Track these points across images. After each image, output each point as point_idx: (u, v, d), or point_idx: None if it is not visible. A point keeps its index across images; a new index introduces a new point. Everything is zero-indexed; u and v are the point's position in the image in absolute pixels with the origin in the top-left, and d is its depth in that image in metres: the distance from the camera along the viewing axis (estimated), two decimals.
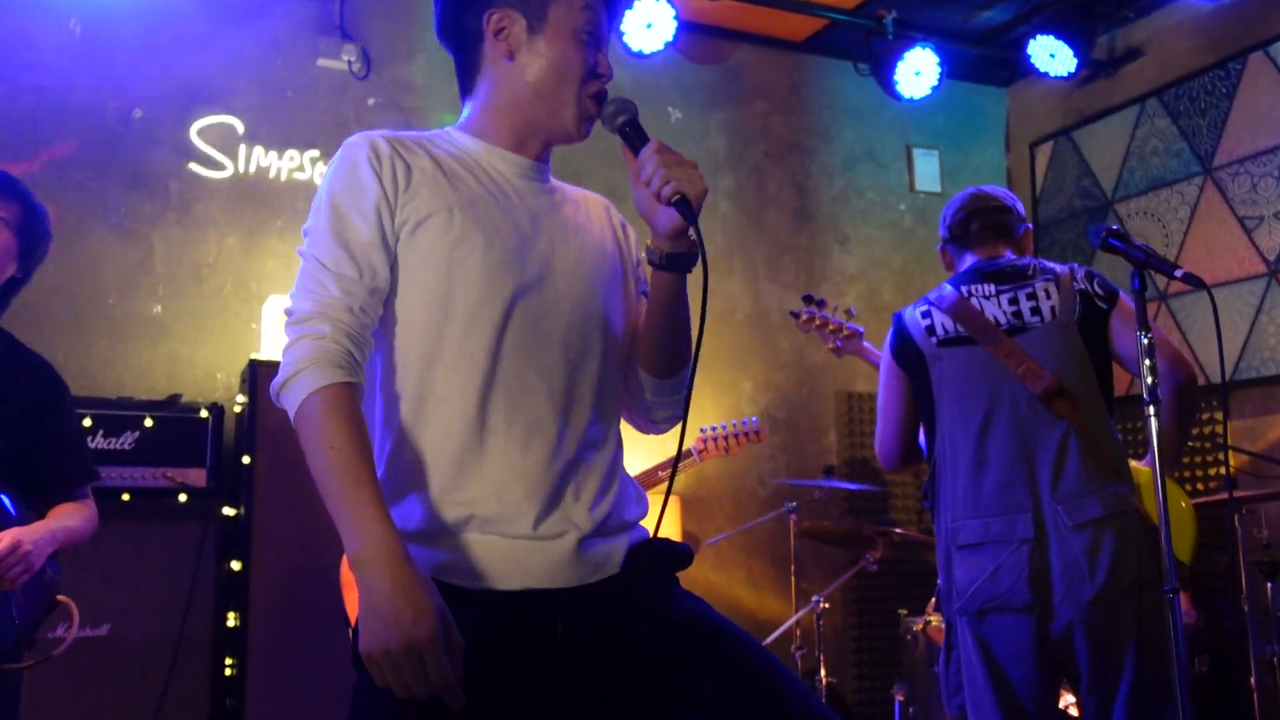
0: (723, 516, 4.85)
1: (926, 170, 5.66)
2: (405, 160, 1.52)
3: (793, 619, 4.11)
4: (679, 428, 1.54)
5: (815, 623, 4.06)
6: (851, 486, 4.68)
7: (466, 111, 1.66)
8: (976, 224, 2.74)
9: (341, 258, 1.47)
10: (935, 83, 4.96)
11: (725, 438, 3.90)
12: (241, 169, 4.30)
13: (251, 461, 3.57)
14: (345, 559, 2.76)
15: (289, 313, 1.47)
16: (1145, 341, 2.13)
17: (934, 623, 3.87)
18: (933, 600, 3.80)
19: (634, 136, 1.55)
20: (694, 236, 1.51)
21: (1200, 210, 4.82)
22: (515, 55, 1.58)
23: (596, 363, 1.58)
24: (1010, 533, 2.44)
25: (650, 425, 1.75)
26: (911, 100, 5.02)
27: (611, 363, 1.62)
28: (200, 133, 4.25)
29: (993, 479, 2.49)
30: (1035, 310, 2.55)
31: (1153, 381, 2.13)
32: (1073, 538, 2.40)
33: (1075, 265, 2.65)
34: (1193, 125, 4.88)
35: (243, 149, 4.31)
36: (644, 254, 1.62)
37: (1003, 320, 2.56)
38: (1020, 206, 2.82)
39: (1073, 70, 4.85)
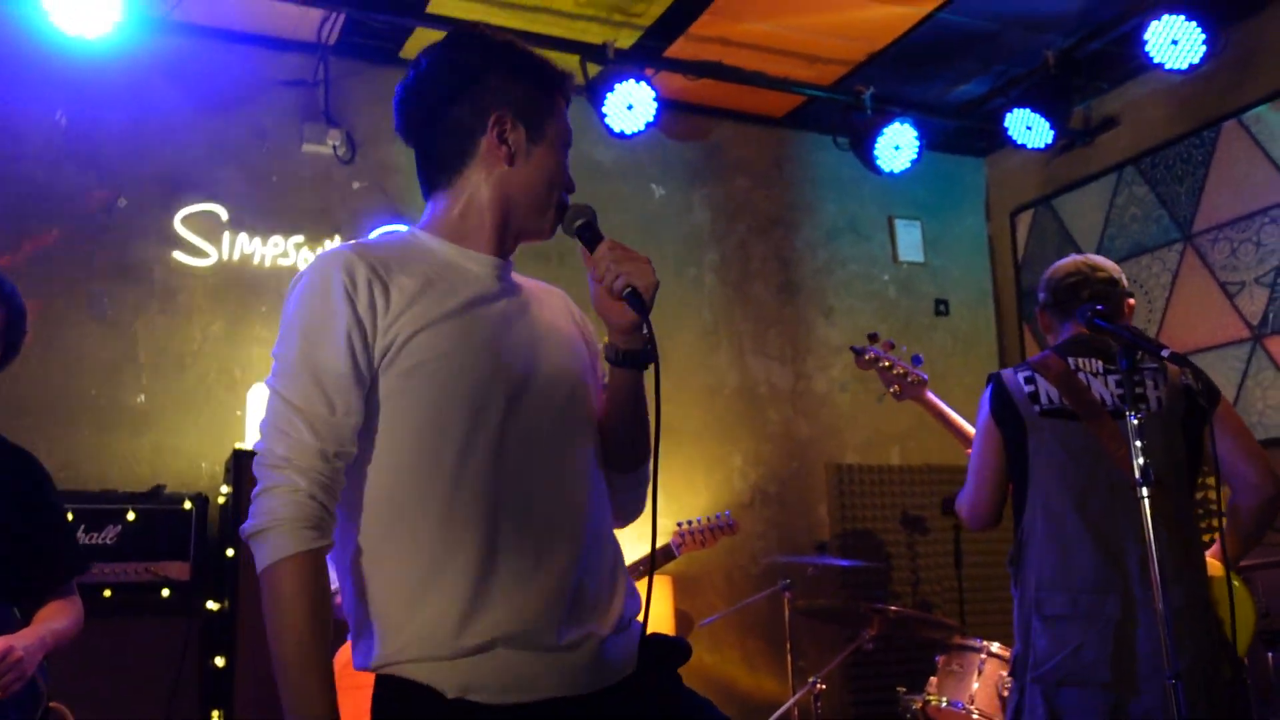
0: (715, 595, 4.79)
1: (909, 240, 5.70)
2: (383, 280, 1.48)
3: (791, 700, 4.03)
4: (651, 521, 1.56)
5: (813, 704, 3.99)
6: (845, 563, 4.63)
7: (437, 210, 1.63)
8: (1087, 293, 2.70)
9: (314, 393, 1.43)
10: (914, 155, 5.01)
11: (702, 531, 4.10)
12: (225, 256, 4.30)
13: (236, 554, 3.51)
14: (339, 654, 2.70)
15: (259, 451, 1.45)
16: (1135, 422, 2.13)
17: (933, 701, 3.80)
18: (932, 679, 3.74)
19: (590, 237, 1.58)
20: (646, 331, 1.55)
21: (1182, 276, 4.86)
22: (515, 160, 1.59)
23: (587, 460, 1.58)
24: (1099, 610, 2.46)
25: (614, 520, 1.72)
26: (891, 173, 5.06)
27: (597, 457, 1.62)
28: (184, 220, 4.26)
29: (1085, 556, 2.50)
30: (1142, 398, 2.56)
31: (1144, 462, 2.14)
32: (1154, 623, 2.39)
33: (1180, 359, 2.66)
34: (1170, 192, 4.93)
35: (227, 236, 4.31)
36: (602, 351, 1.65)
37: (1108, 401, 2.57)
38: (1124, 279, 2.79)
39: (1049, 141, 4.91)
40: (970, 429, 3.30)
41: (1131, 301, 2.79)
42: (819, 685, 3.96)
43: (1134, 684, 2.43)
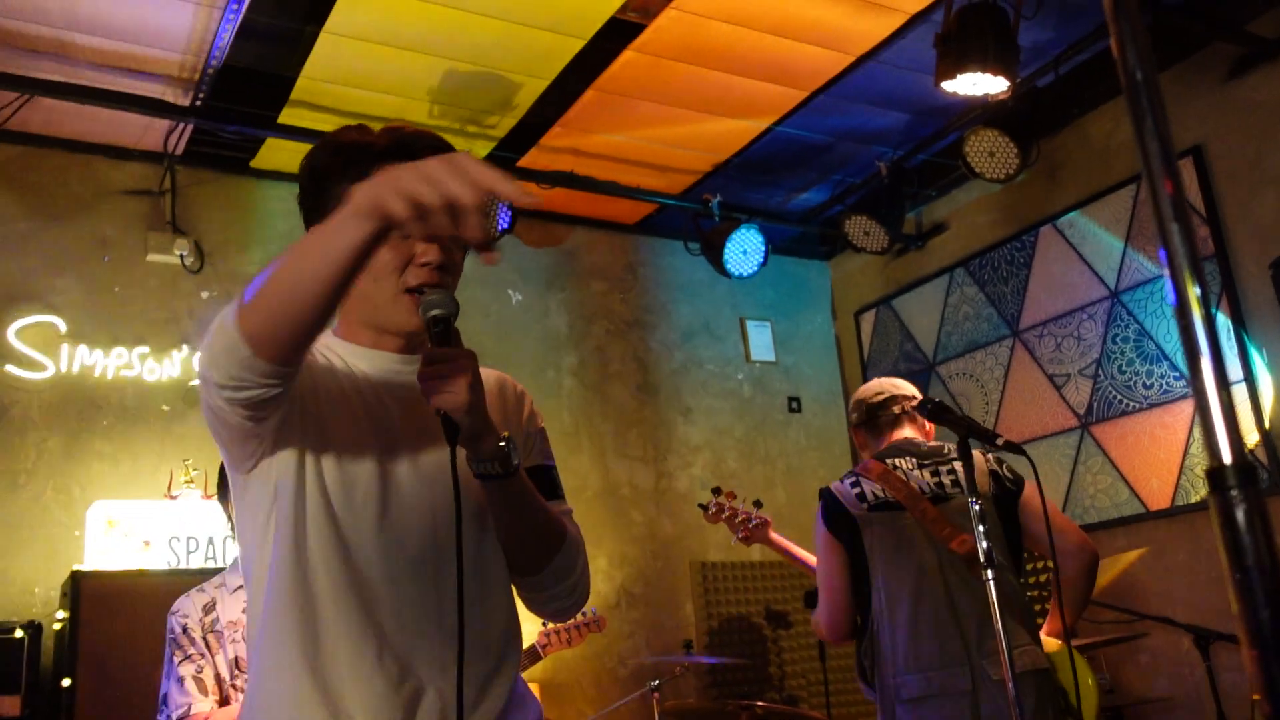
0: (584, 700, 4.72)
1: (760, 340, 5.90)
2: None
3: None
4: (459, 629, 1.40)
5: None
6: (712, 660, 4.64)
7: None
8: (896, 408, 2.98)
9: None
10: (761, 259, 5.22)
11: (567, 630, 4.02)
12: (64, 368, 4.12)
13: (72, 683, 3.29)
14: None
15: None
16: (976, 509, 2.26)
17: None
18: None
19: (439, 333, 1.42)
20: (451, 457, 1.38)
21: (1013, 369, 5.17)
22: None
23: (453, 568, 1.43)
24: (952, 685, 2.58)
25: (547, 617, 1.68)
26: (741, 276, 5.26)
27: (485, 563, 1.53)
28: (18, 333, 4.08)
29: (930, 635, 2.63)
30: (955, 482, 2.78)
31: (988, 546, 2.26)
32: (997, 691, 2.54)
33: (984, 449, 2.85)
34: (998, 292, 5.28)
35: (65, 348, 4.14)
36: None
37: (926, 489, 2.77)
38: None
39: (885, 245, 5.21)
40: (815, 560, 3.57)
41: (930, 427, 3.05)
42: None
43: None
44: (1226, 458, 0.74)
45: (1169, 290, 0.82)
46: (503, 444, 1.42)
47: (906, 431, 2.98)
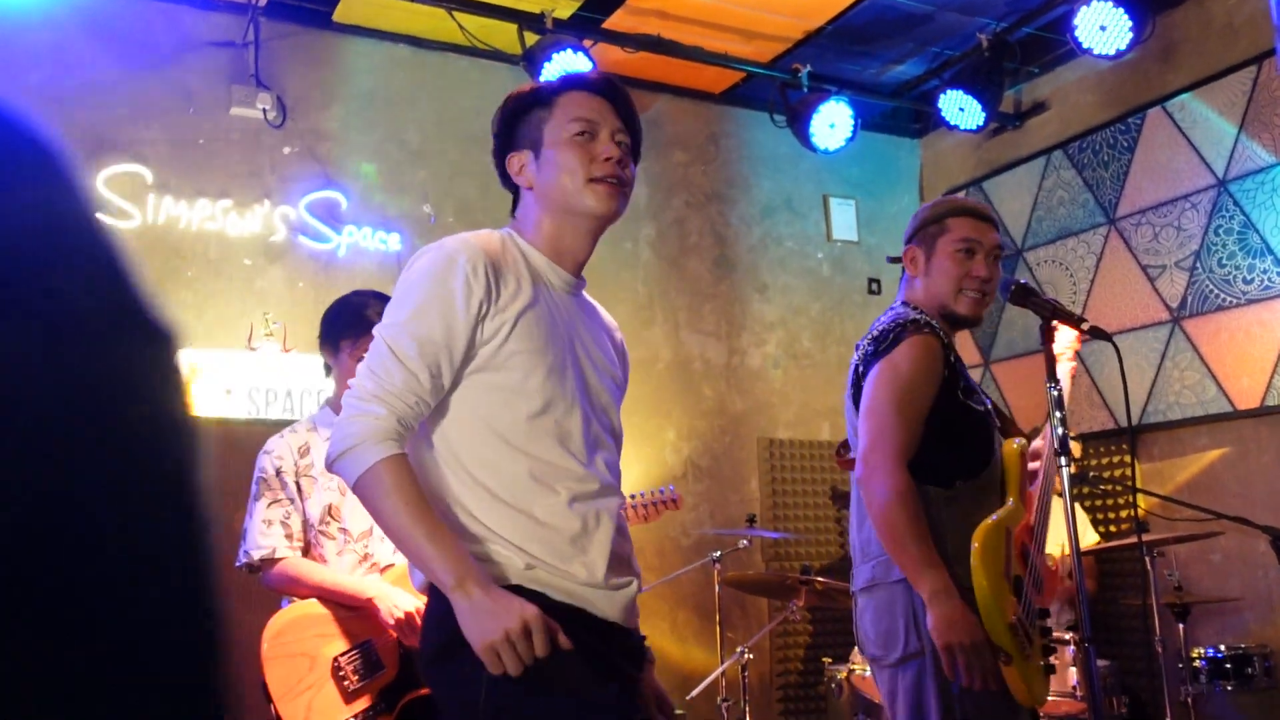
0: (646, 568, 4.79)
1: (843, 219, 5.76)
2: (498, 274, 1.73)
3: (718, 670, 4.08)
4: None
5: (740, 674, 4.04)
6: (774, 535, 4.68)
7: (520, 222, 1.89)
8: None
9: (414, 353, 1.66)
10: (850, 134, 5.05)
11: (645, 506, 3.92)
12: (150, 219, 4.19)
13: None
14: (271, 623, 2.61)
15: (352, 385, 1.69)
16: (1055, 394, 2.17)
17: (857, 670, 3.88)
18: (855, 648, 3.81)
19: None
20: None
21: (1105, 259, 4.97)
22: (534, 184, 1.85)
23: (616, 455, 1.91)
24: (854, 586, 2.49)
25: None
26: (827, 151, 5.10)
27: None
28: (107, 181, 4.14)
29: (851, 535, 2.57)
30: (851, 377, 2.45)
31: (1063, 433, 2.18)
32: (854, 602, 2.42)
33: (872, 330, 2.41)
34: (1096, 177, 5.04)
35: (151, 198, 4.21)
36: None
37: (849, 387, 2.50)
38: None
39: (981, 123, 4.99)
40: None
41: (902, 256, 2.56)
42: (747, 655, 4.01)
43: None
44: None
45: None
46: None
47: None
